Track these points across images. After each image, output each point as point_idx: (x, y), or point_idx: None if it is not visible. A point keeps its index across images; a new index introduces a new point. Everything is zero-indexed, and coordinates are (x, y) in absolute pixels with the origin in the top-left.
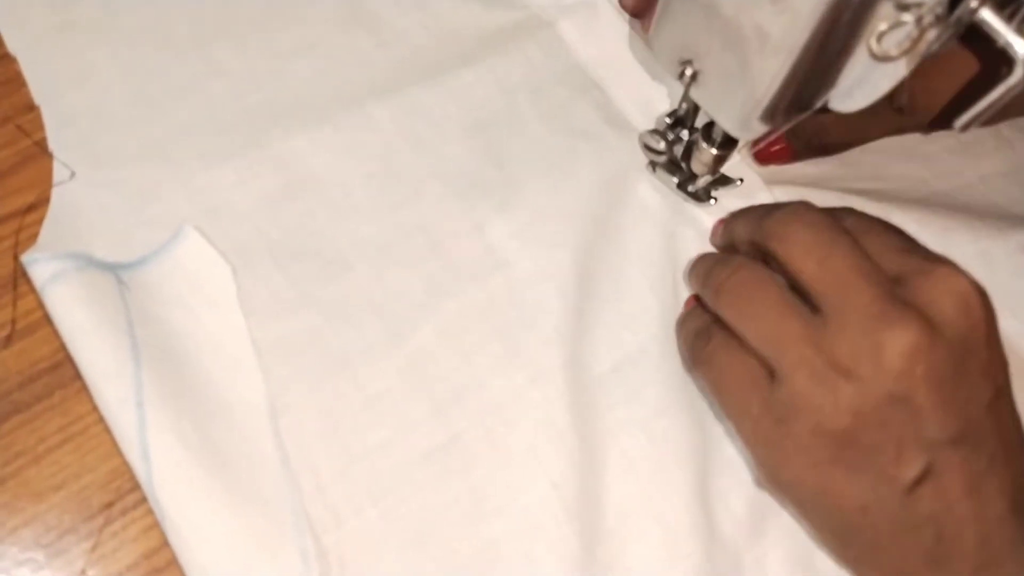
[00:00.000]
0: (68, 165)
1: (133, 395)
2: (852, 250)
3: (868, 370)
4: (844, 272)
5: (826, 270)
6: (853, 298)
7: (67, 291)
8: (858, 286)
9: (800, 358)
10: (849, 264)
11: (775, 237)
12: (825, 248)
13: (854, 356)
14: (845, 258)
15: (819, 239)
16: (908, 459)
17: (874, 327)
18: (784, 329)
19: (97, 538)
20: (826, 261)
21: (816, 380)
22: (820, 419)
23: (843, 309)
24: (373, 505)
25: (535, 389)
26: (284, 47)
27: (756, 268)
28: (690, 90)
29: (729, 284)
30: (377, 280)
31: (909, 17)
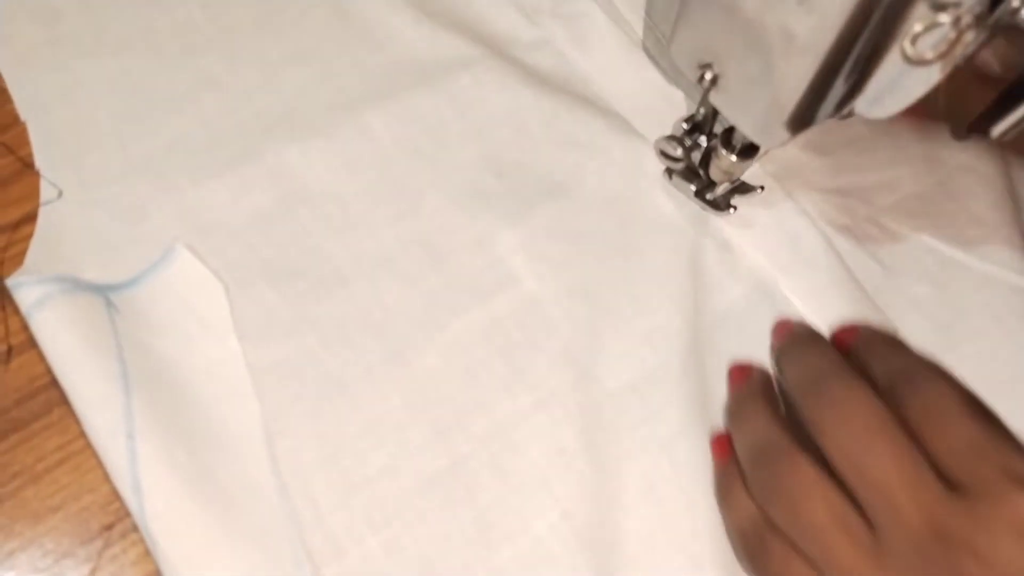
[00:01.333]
0: (55, 184)
1: (123, 426)
2: (898, 454)
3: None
4: (888, 485)
5: (868, 481)
6: (899, 522)
7: (53, 316)
8: (904, 508)
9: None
10: (894, 474)
11: (817, 426)
12: (868, 449)
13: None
14: (889, 468)
15: (862, 436)
16: None
17: (922, 566)
18: (834, 552)
19: (96, 562)
20: (868, 469)
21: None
22: None
23: (891, 532)
24: (375, 535)
25: (542, 412)
26: (275, 57)
27: (803, 468)
28: (709, 95)
29: (776, 485)
30: (375, 298)
31: (946, 18)
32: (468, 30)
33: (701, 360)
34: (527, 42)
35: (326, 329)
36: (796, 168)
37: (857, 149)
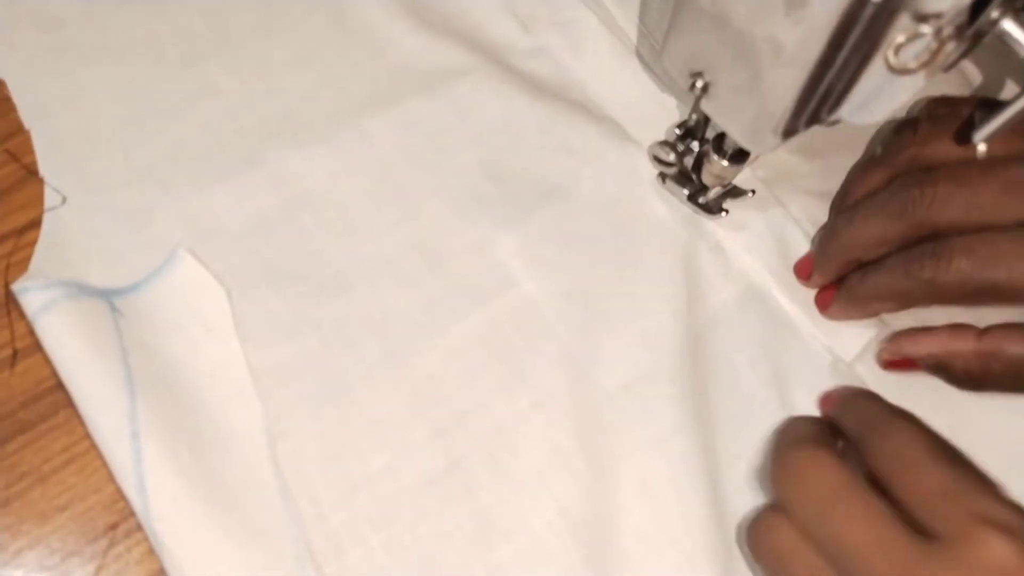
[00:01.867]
0: (59, 190)
1: (128, 426)
2: (864, 515)
3: None
4: (859, 548)
5: (841, 548)
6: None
7: (59, 320)
8: (878, 568)
9: None
10: (863, 537)
11: (782, 496)
12: (833, 515)
13: None
14: (857, 531)
15: (827, 503)
16: None
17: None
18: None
19: (101, 560)
20: (838, 536)
21: None
22: None
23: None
24: (375, 533)
25: (540, 413)
26: (276, 63)
27: (783, 532)
28: (700, 102)
29: (759, 545)
30: (376, 301)
31: (928, 29)
32: (466, 38)
33: (694, 360)
34: (524, 50)
35: (327, 332)
36: (786, 172)
37: (846, 153)
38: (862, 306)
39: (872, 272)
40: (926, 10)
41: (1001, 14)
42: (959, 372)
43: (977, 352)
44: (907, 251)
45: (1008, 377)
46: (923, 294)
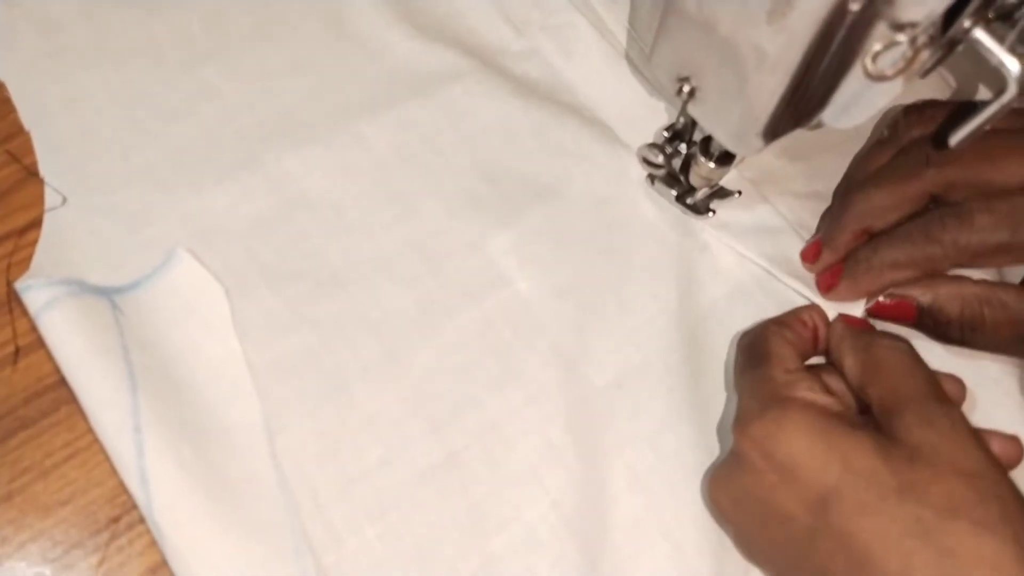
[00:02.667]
0: (59, 191)
1: (130, 420)
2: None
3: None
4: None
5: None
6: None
7: (61, 317)
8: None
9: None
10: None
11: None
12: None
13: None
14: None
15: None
16: (796, 522)
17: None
18: None
19: (104, 552)
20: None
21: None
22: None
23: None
24: (372, 525)
25: (533, 407)
26: (273, 67)
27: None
28: (688, 106)
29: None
30: (372, 299)
31: (903, 38)
32: (459, 42)
33: (683, 357)
34: (516, 53)
35: (324, 329)
36: (772, 173)
37: (831, 155)
38: (876, 277)
39: (887, 239)
40: (902, 19)
41: (973, 23)
42: (953, 317)
43: (976, 295)
44: (925, 216)
45: (999, 328)
46: (944, 255)
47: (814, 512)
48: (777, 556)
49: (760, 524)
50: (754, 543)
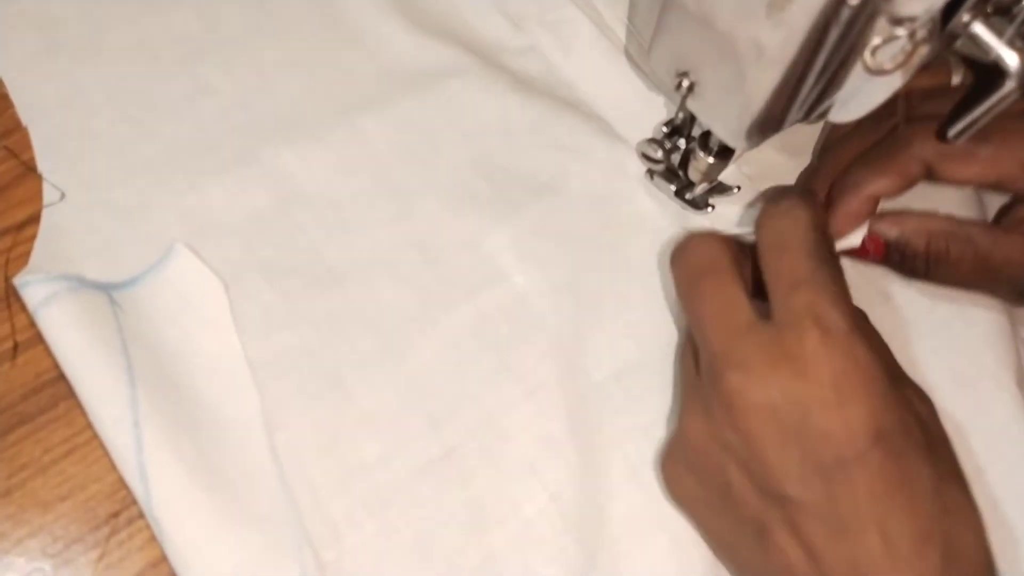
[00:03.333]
0: (58, 186)
1: (129, 415)
2: (713, 293)
3: (717, 406)
4: (702, 320)
5: (692, 320)
6: (706, 350)
7: (60, 312)
8: (709, 339)
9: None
10: (708, 311)
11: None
12: (694, 290)
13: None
14: (704, 306)
15: (691, 278)
16: (746, 503)
17: (709, 386)
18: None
19: (104, 548)
20: (692, 309)
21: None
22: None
23: (702, 361)
24: (371, 519)
25: (531, 402)
26: (270, 64)
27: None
28: (686, 101)
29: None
30: (370, 295)
31: (902, 31)
32: (457, 38)
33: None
34: (514, 49)
35: (322, 325)
36: (772, 168)
37: None
38: (858, 194)
39: (865, 160)
40: (901, 13)
41: (972, 17)
42: (920, 251)
43: (943, 230)
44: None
45: (963, 262)
46: (921, 158)
47: (854, 446)
48: (776, 484)
49: (781, 444)
50: (765, 464)
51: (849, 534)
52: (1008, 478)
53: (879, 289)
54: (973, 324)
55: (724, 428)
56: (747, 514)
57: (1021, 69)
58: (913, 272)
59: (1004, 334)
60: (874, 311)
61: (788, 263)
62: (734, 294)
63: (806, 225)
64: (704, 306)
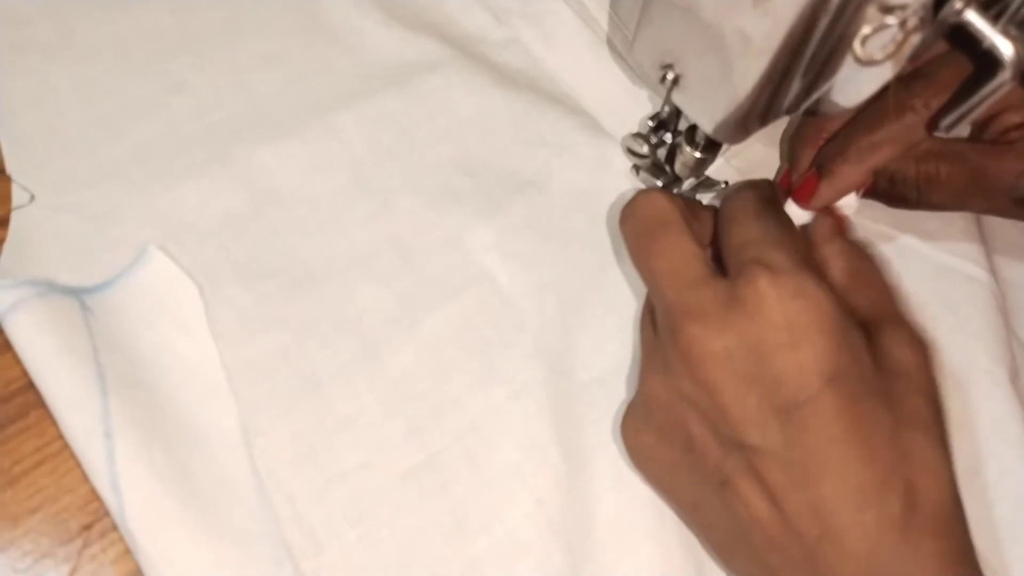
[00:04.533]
0: (27, 188)
1: (100, 425)
2: (668, 249)
3: (675, 359)
4: (656, 277)
5: (646, 277)
6: (661, 306)
7: (28, 319)
8: (664, 294)
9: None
10: (662, 267)
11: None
12: (650, 247)
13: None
14: (659, 262)
15: (647, 236)
16: (708, 455)
17: (668, 340)
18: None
19: (76, 562)
20: (646, 267)
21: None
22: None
23: (658, 317)
24: (352, 529)
25: (515, 405)
26: (244, 61)
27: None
28: (672, 94)
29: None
30: (348, 297)
31: (893, 20)
32: (437, 31)
33: None
34: (495, 41)
35: (299, 328)
36: (760, 162)
37: None
38: (858, 165)
39: (859, 125)
40: (891, 1)
41: (964, 5)
42: (909, 175)
43: (930, 150)
44: (889, 90)
45: (955, 178)
46: (919, 120)
47: (807, 388)
48: (735, 430)
49: (738, 390)
50: (723, 410)
51: (809, 480)
52: (1003, 476)
53: None
54: (967, 320)
55: (683, 379)
56: (709, 467)
57: (1015, 58)
58: (904, 201)
59: (998, 330)
60: None
61: (737, 229)
62: (686, 248)
63: (754, 198)
64: (657, 261)
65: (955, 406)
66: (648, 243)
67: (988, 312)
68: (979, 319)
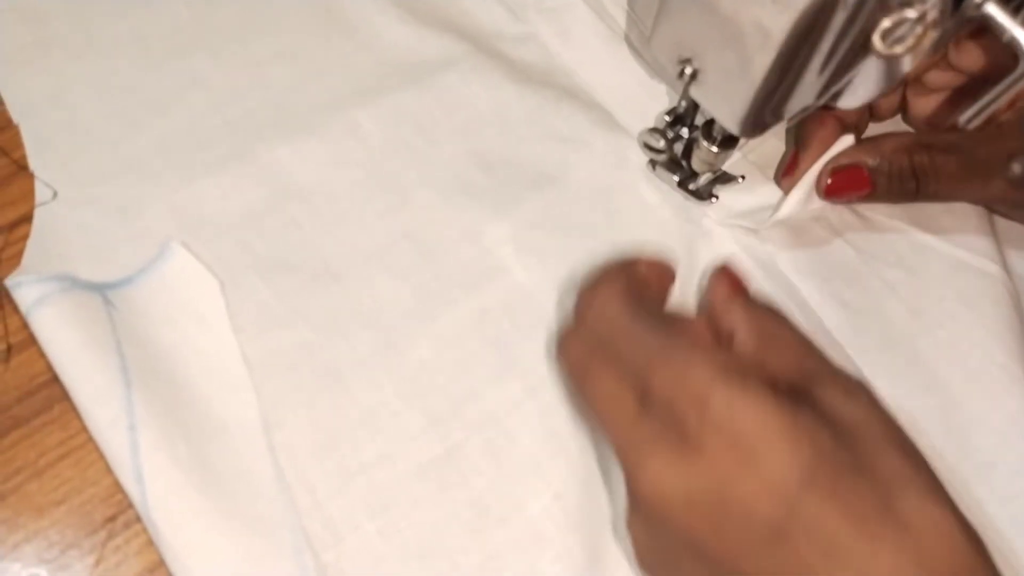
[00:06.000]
0: (50, 185)
1: (124, 417)
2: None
3: (642, 509)
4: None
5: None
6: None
7: (53, 313)
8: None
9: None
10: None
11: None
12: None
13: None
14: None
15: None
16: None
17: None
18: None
19: (100, 552)
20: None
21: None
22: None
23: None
24: (371, 520)
25: (533, 399)
26: (263, 56)
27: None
28: (689, 89)
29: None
30: (367, 291)
31: (913, 14)
32: (453, 27)
33: None
34: (512, 37)
35: (319, 322)
36: (777, 156)
37: None
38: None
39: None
40: None
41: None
42: (905, 167)
43: (919, 143)
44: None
45: (949, 166)
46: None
47: (784, 503)
48: (728, 565)
49: (714, 529)
50: (709, 550)
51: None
52: (1020, 472)
53: (884, 280)
54: (982, 316)
55: (657, 529)
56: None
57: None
58: (905, 194)
59: (1013, 326)
60: (880, 303)
61: (623, 346)
62: (613, 382)
63: (617, 296)
64: (592, 404)
65: (970, 401)
66: (581, 384)
67: (1003, 307)
68: (995, 314)
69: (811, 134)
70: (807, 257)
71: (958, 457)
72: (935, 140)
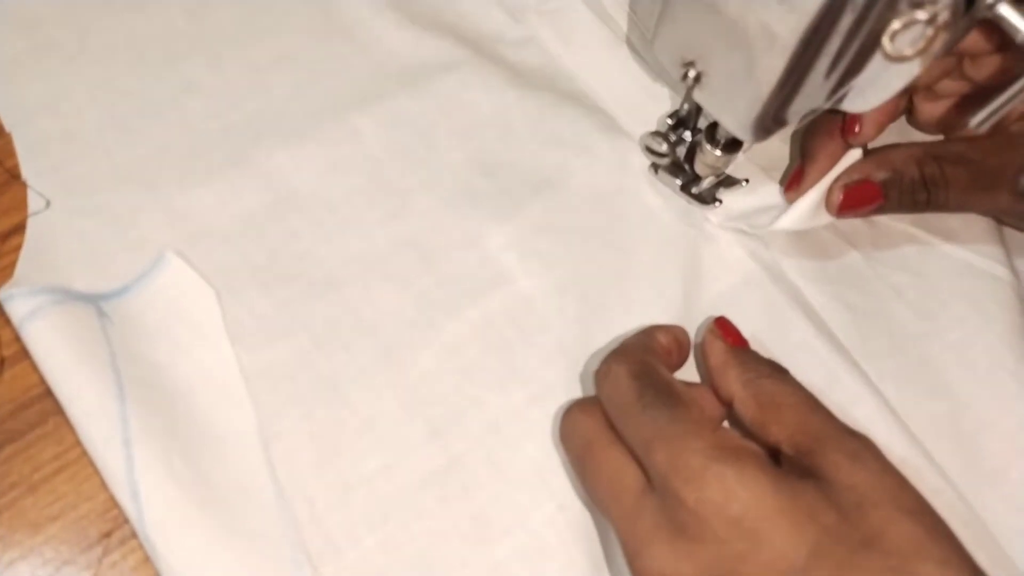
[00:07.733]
0: (43, 194)
1: (119, 433)
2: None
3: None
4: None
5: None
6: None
7: (46, 327)
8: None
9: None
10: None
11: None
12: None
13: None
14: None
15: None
16: None
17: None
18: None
19: (96, 569)
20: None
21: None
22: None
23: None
24: (372, 534)
25: (537, 407)
26: (260, 61)
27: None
28: (693, 92)
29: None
30: (367, 299)
31: (923, 15)
32: (453, 31)
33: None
34: (512, 40)
35: (318, 331)
36: (782, 159)
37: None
38: (826, 130)
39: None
40: None
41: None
42: (916, 177)
43: (928, 152)
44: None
45: (959, 176)
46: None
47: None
48: None
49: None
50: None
51: None
52: None
53: (891, 284)
54: (991, 319)
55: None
56: None
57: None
58: (915, 205)
59: (1022, 329)
60: (887, 307)
61: (627, 423)
62: (618, 463)
63: (625, 376)
64: (595, 483)
65: (981, 405)
66: (581, 468)
67: (1013, 312)
68: (1005, 319)
69: (818, 148)
70: (813, 261)
71: (967, 463)
72: (944, 151)
